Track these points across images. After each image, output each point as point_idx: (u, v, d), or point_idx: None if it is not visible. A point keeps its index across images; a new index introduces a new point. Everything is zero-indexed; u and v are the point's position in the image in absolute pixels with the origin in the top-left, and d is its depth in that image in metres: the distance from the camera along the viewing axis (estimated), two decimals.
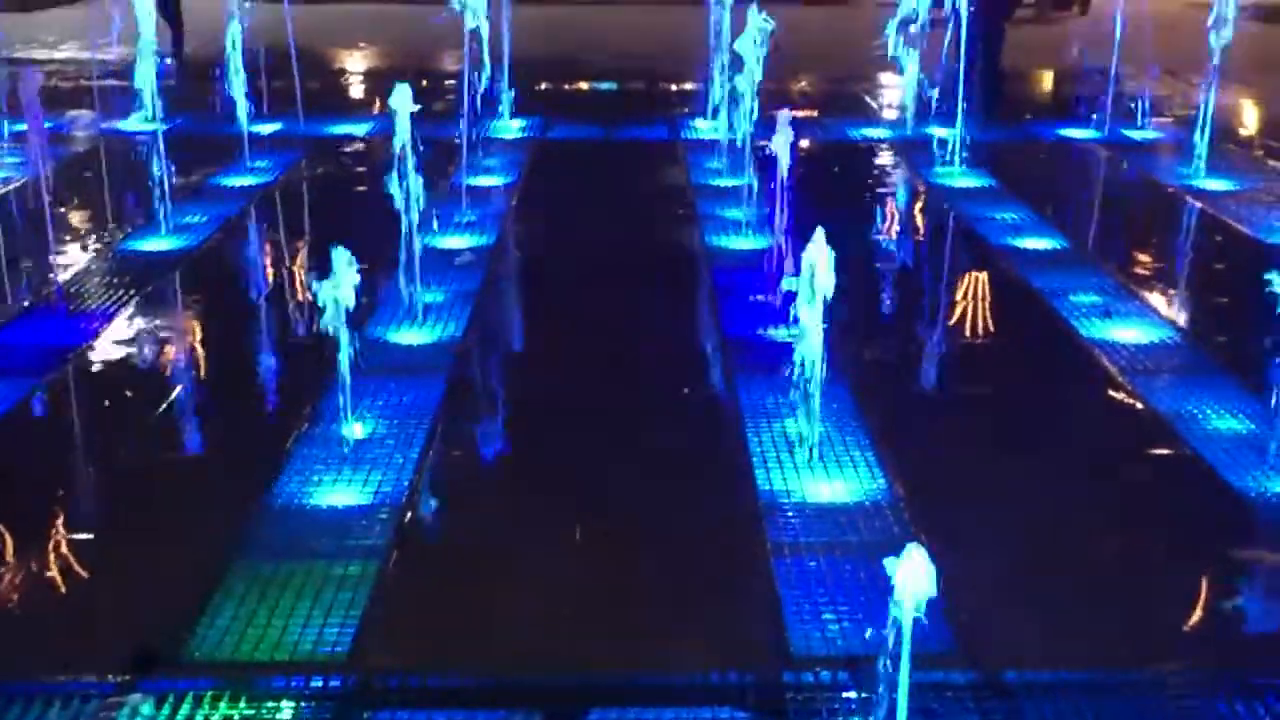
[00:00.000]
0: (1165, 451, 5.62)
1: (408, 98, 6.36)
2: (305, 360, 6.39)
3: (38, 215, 7.88)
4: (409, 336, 6.78)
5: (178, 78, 14.18)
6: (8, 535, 4.79)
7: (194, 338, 7.06)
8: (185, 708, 3.83)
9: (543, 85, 14.27)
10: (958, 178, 10.24)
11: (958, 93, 10.32)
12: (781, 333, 6.59)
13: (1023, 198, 9.63)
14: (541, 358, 6.74)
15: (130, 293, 7.43)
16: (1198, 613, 4.46)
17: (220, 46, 10.01)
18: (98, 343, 6.73)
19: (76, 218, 9.04)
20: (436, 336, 6.80)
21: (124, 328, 6.96)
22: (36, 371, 6.33)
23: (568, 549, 4.77)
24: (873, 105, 13.53)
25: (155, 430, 5.84)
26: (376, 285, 7.02)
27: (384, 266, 6.96)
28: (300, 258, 8.43)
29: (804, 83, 14.61)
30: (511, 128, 11.82)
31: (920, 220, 9.80)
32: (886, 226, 9.49)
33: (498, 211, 9.26)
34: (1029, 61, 15.49)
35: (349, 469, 5.27)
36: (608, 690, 3.96)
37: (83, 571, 4.63)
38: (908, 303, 7.79)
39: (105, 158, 10.07)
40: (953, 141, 10.46)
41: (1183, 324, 7.10)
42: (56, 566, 4.63)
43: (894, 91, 13.74)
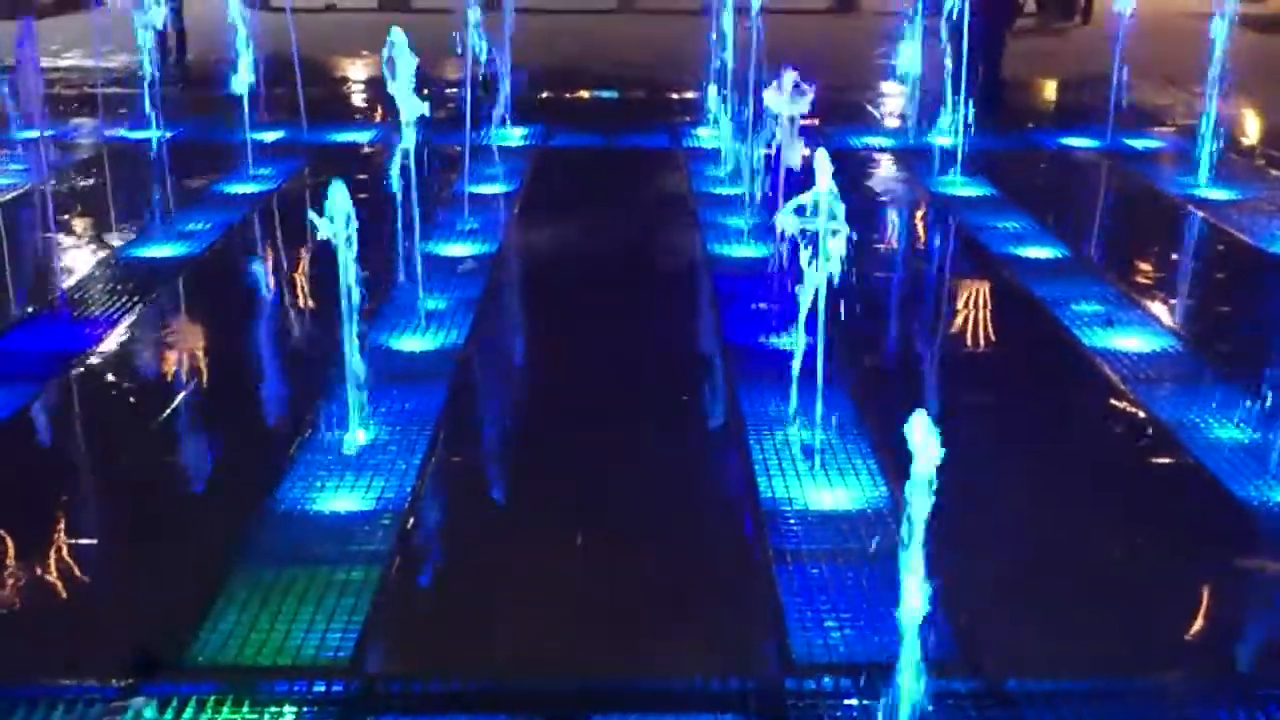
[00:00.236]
0: (1167, 460, 5.62)
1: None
2: (308, 366, 6.40)
3: (41, 221, 7.93)
4: (411, 343, 6.79)
5: (180, 85, 14.20)
6: (12, 540, 4.80)
7: (197, 344, 7.07)
8: (188, 712, 3.83)
9: (544, 94, 14.30)
10: (959, 186, 10.26)
11: (959, 102, 10.35)
12: (784, 340, 6.60)
13: (1024, 207, 9.64)
14: (543, 365, 6.75)
15: (133, 299, 7.44)
16: (1199, 621, 4.47)
17: (223, 54, 10.03)
18: (101, 348, 6.74)
19: (79, 224, 9.05)
20: (439, 343, 6.81)
21: (127, 334, 6.97)
22: (40, 377, 6.35)
23: (569, 555, 4.77)
24: (874, 114, 13.55)
25: (158, 435, 5.84)
26: (379, 292, 7.03)
27: (386, 273, 6.97)
28: (302, 265, 8.44)
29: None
30: (513, 136, 11.83)
31: (922, 229, 9.82)
32: (888, 235, 9.50)
33: (500, 219, 9.28)
34: (1031, 70, 15.51)
35: (351, 475, 5.29)
36: (609, 696, 3.96)
37: (85, 576, 4.63)
38: (909, 311, 7.79)
39: (108, 165, 10.09)
40: (954, 150, 10.48)
41: (1185, 333, 7.10)
42: (60, 571, 4.64)
43: (895, 100, 13.76)
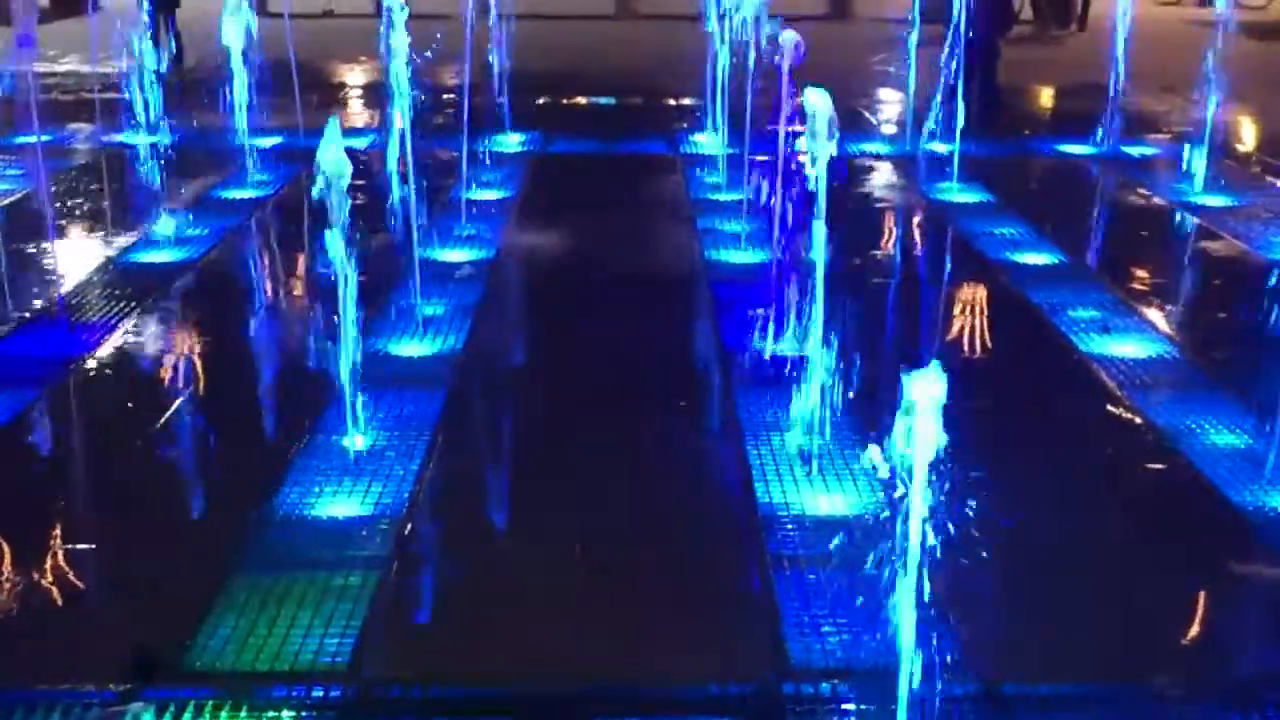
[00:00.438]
0: (1163, 466, 5.63)
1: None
2: (306, 371, 6.40)
3: (39, 226, 7.93)
4: (409, 349, 6.80)
5: (178, 90, 14.19)
6: (10, 544, 4.80)
7: (195, 349, 7.06)
8: (186, 717, 3.84)
9: (542, 100, 14.31)
10: (956, 193, 10.27)
11: (955, 109, 10.36)
12: (782, 346, 6.60)
13: (1021, 213, 9.65)
14: (541, 370, 6.75)
15: (131, 304, 7.44)
16: (1195, 627, 4.48)
17: (220, 60, 10.04)
18: (99, 353, 6.75)
19: (77, 230, 9.06)
20: (437, 349, 6.82)
21: (125, 338, 6.98)
22: (38, 381, 6.35)
23: (567, 560, 4.78)
24: (871, 120, 13.57)
25: (157, 440, 5.85)
26: (377, 297, 7.03)
27: (384, 278, 6.98)
28: (300, 269, 8.45)
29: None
30: (511, 142, 11.84)
31: (918, 235, 9.83)
32: (885, 241, 9.51)
33: (497, 225, 9.29)
34: (1027, 77, 15.53)
35: (350, 480, 5.29)
36: (607, 701, 3.97)
37: (84, 580, 4.64)
38: (906, 316, 7.80)
39: (106, 170, 10.09)
40: (951, 157, 10.50)
41: (1181, 339, 7.11)
42: (58, 575, 4.64)
43: (892, 107, 13.79)
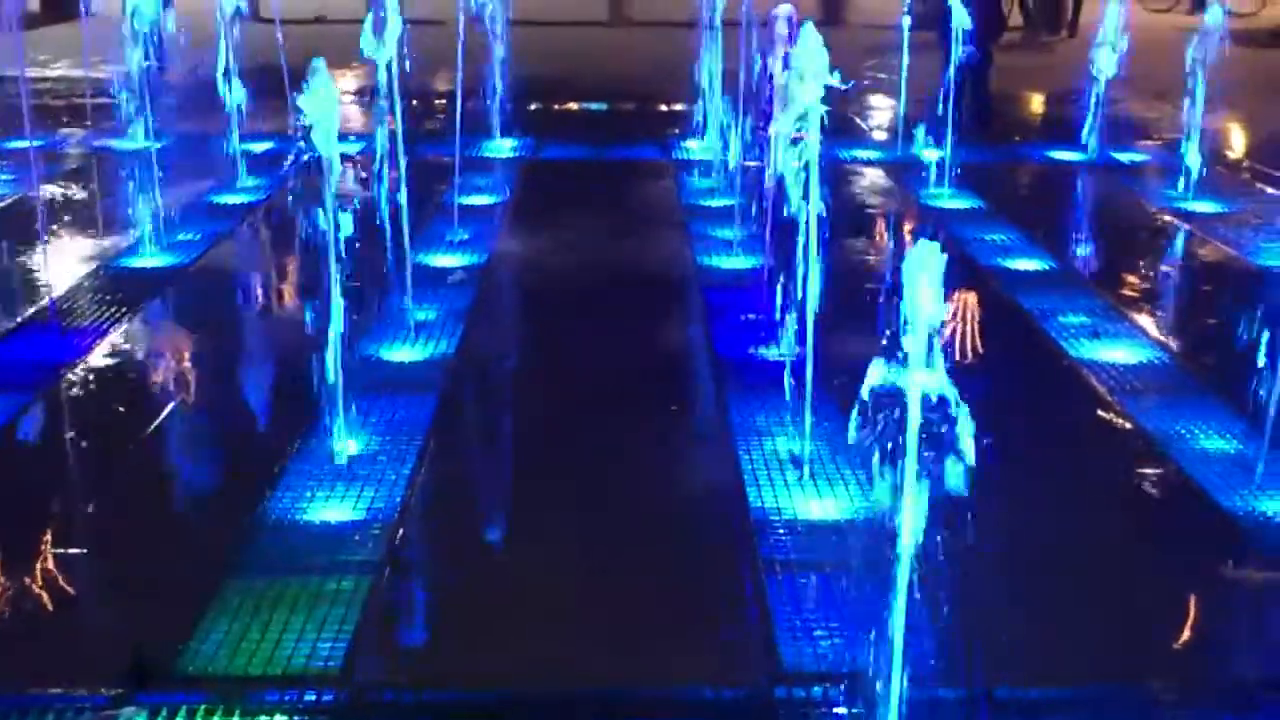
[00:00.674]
0: (1154, 471, 5.65)
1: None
2: (298, 376, 6.39)
3: (30, 231, 7.92)
4: (402, 354, 6.80)
5: (170, 95, 14.18)
6: (2, 549, 4.78)
7: (187, 354, 7.06)
8: None
9: (534, 105, 14.31)
10: (947, 199, 10.30)
11: (946, 115, 10.39)
12: (773, 352, 6.62)
13: (1011, 219, 9.68)
14: (533, 375, 6.75)
15: (123, 309, 7.43)
16: (1186, 631, 4.49)
17: (212, 65, 10.04)
18: (90, 359, 6.74)
19: (68, 234, 9.04)
20: (428, 354, 6.82)
21: (117, 344, 6.97)
22: (30, 387, 6.34)
23: (559, 564, 4.78)
24: (862, 126, 13.59)
25: (149, 445, 5.84)
26: (369, 302, 7.04)
27: (375, 283, 6.97)
28: (292, 274, 8.44)
29: None
30: (503, 147, 11.85)
31: (909, 241, 9.84)
32: (876, 246, 9.53)
33: (489, 230, 9.29)
34: (1018, 84, 15.56)
35: (342, 484, 5.29)
36: (600, 705, 3.98)
37: (76, 586, 4.63)
38: (897, 322, 7.79)
39: (97, 175, 10.08)
40: (942, 163, 10.53)
41: (1171, 345, 7.14)
42: (50, 580, 4.64)
43: (884, 113, 13.81)
